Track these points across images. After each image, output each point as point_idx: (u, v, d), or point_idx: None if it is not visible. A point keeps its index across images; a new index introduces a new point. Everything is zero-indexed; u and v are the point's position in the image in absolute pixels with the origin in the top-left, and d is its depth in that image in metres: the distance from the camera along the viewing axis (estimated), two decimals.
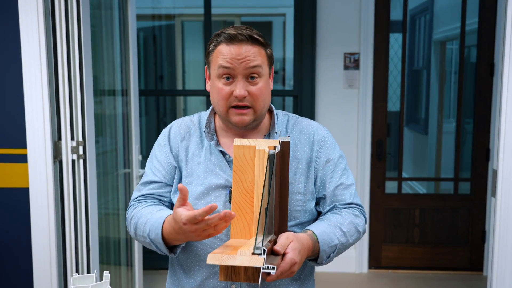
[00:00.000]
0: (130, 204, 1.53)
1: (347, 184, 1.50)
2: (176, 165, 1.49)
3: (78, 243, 2.38)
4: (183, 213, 1.22)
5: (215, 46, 1.41)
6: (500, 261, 2.17)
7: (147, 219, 1.40)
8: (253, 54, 1.38)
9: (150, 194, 1.50)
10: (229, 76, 1.39)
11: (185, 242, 1.41)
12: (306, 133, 1.51)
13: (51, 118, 2.30)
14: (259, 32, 1.43)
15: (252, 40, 1.39)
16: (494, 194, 2.21)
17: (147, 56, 5.43)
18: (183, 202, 1.24)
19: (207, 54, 1.45)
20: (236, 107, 1.40)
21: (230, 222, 1.22)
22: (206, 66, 1.49)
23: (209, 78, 1.47)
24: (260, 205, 1.18)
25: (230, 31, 1.39)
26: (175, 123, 1.56)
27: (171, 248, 1.41)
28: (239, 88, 1.37)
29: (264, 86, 1.41)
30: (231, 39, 1.38)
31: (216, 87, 1.41)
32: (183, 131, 1.52)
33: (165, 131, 1.55)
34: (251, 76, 1.39)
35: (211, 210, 1.17)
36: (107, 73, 3.00)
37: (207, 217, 1.19)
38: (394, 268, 4.07)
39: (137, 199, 1.51)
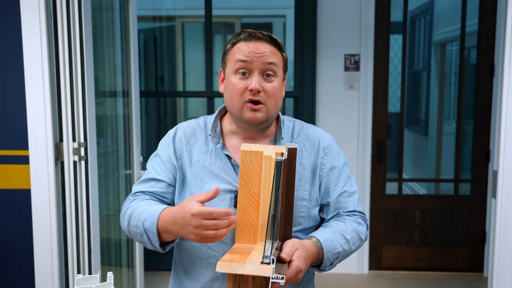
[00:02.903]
0: (128, 198, 1.51)
1: (351, 192, 1.52)
2: (177, 166, 1.48)
3: (80, 244, 2.39)
4: (198, 205, 1.23)
5: (234, 44, 1.44)
6: (501, 262, 2.17)
7: (145, 209, 1.38)
8: (270, 51, 1.42)
9: (150, 191, 1.48)
10: (245, 71, 1.41)
11: (176, 240, 1.39)
12: (311, 140, 1.52)
13: (53, 119, 2.30)
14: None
15: (270, 39, 1.43)
16: (494, 195, 2.22)
17: (148, 57, 5.43)
18: (205, 199, 1.25)
19: (224, 53, 1.48)
20: (250, 102, 1.41)
21: (230, 229, 1.23)
22: (221, 68, 1.51)
23: (223, 79, 1.49)
24: (269, 213, 1.19)
25: (251, 30, 1.44)
26: (181, 126, 1.55)
27: (162, 244, 1.39)
28: (255, 82, 1.39)
29: (278, 86, 1.44)
30: (250, 37, 1.42)
31: (231, 82, 1.43)
32: (189, 133, 1.52)
33: (170, 132, 1.55)
34: (266, 74, 1.41)
35: (227, 215, 1.20)
36: (108, 74, 3.01)
37: (218, 217, 1.21)
38: (394, 269, 4.08)
39: (136, 194, 1.49)
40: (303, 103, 3.87)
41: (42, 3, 2.23)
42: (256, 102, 1.41)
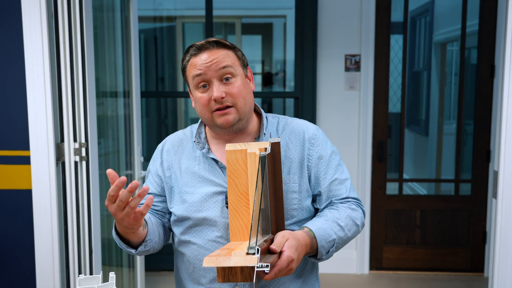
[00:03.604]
0: None
1: (342, 179, 1.52)
2: (164, 177, 1.55)
3: (81, 244, 2.39)
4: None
5: (188, 61, 1.47)
6: (501, 262, 2.17)
7: None
8: (221, 55, 1.43)
9: (141, 203, 1.54)
10: (205, 83, 1.44)
11: (145, 239, 1.43)
12: (296, 133, 1.53)
13: (54, 120, 2.31)
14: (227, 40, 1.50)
15: (218, 44, 1.45)
16: (495, 195, 2.22)
17: (148, 57, 5.43)
18: (114, 188, 1.24)
19: (183, 72, 1.51)
20: (218, 110, 1.44)
21: (142, 195, 1.23)
22: (188, 87, 1.53)
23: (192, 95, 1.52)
24: (253, 206, 1.20)
25: (197, 43, 1.46)
26: (168, 138, 1.62)
27: (134, 246, 1.44)
28: (216, 90, 1.42)
29: (241, 84, 1.45)
30: (199, 50, 1.44)
31: (197, 97, 1.46)
32: (176, 144, 1.57)
33: (159, 146, 1.62)
34: (225, 78, 1.43)
35: (121, 184, 1.20)
36: (109, 75, 3.01)
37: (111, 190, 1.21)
38: (395, 269, 4.08)
39: None
40: (303, 104, 3.88)
41: (43, 4, 2.23)
42: (224, 108, 1.44)
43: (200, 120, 1.57)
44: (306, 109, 3.87)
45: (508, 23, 2.11)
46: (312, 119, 3.84)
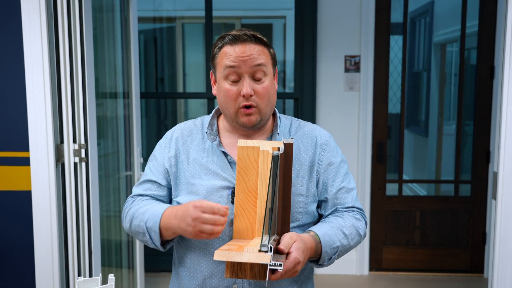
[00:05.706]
0: (128, 199, 1.56)
1: (349, 188, 1.53)
2: (170, 168, 1.51)
3: (80, 245, 2.39)
4: (201, 200, 1.29)
5: (220, 48, 1.45)
6: (501, 263, 2.17)
7: (147, 208, 1.44)
8: (257, 52, 1.42)
9: (147, 194, 1.53)
10: (235, 76, 1.42)
11: (175, 239, 1.45)
12: (309, 137, 1.53)
13: (54, 121, 2.30)
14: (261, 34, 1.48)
15: (255, 39, 1.43)
16: (494, 196, 2.22)
17: (148, 58, 5.43)
18: (211, 206, 1.28)
19: (212, 57, 1.48)
20: (244, 107, 1.43)
21: (223, 228, 1.28)
22: (211, 70, 1.52)
23: (215, 82, 1.50)
24: (266, 205, 1.20)
25: (234, 32, 1.43)
26: (178, 127, 1.58)
27: (163, 243, 1.45)
28: (246, 87, 1.40)
29: (269, 85, 1.45)
30: (235, 40, 1.42)
31: (223, 88, 1.44)
32: (186, 134, 1.54)
33: (167, 134, 1.58)
34: (256, 75, 1.42)
35: (225, 213, 1.26)
36: (108, 75, 3.01)
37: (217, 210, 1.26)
38: (395, 270, 4.08)
39: (135, 196, 1.55)
40: (303, 105, 3.87)
41: (43, 5, 2.23)
42: (248, 106, 1.43)
43: (213, 112, 1.55)
44: (305, 110, 3.86)
45: (508, 24, 2.11)
46: (312, 120, 3.84)
